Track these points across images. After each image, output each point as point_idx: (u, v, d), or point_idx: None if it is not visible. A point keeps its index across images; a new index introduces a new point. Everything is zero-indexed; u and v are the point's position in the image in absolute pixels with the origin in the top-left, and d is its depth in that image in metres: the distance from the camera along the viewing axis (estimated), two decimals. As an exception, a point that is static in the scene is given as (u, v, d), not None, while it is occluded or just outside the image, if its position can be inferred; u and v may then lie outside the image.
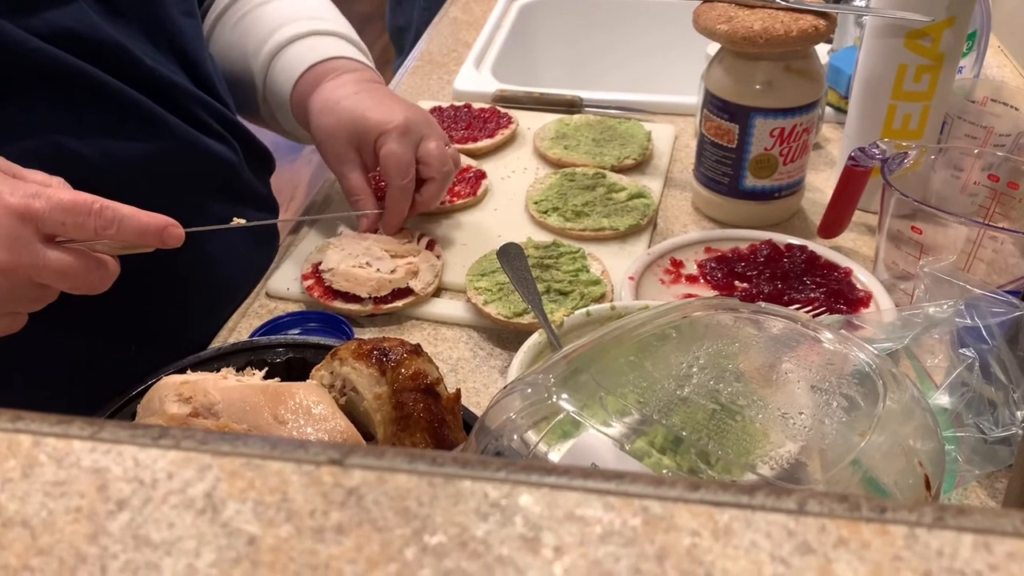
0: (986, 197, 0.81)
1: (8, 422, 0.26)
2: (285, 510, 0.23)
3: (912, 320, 0.61)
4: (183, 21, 0.80)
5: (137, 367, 0.63)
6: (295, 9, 0.91)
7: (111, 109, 0.72)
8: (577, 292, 0.77)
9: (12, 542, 0.22)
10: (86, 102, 0.70)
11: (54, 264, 0.55)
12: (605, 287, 0.79)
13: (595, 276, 0.80)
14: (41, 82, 0.68)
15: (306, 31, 0.88)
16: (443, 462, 0.24)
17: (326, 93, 0.84)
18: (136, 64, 0.73)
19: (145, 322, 0.77)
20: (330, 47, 0.87)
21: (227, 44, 0.91)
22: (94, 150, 0.71)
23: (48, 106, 0.69)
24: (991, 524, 0.22)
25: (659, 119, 1.10)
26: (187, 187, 0.78)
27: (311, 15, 0.91)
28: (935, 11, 0.80)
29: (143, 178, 0.73)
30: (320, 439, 0.52)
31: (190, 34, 0.81)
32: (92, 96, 0.71)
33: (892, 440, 0.45)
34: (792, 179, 0.89)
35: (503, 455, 0.45)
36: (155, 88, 0.75)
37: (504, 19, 1.38)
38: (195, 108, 0.79)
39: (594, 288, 0.78)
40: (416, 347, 0.58)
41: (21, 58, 0.66)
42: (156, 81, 0.75)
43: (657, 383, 0.46)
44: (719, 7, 0.84)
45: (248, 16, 0.91)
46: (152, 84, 0.75)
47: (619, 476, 0.23)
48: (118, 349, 0.75)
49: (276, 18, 0.90)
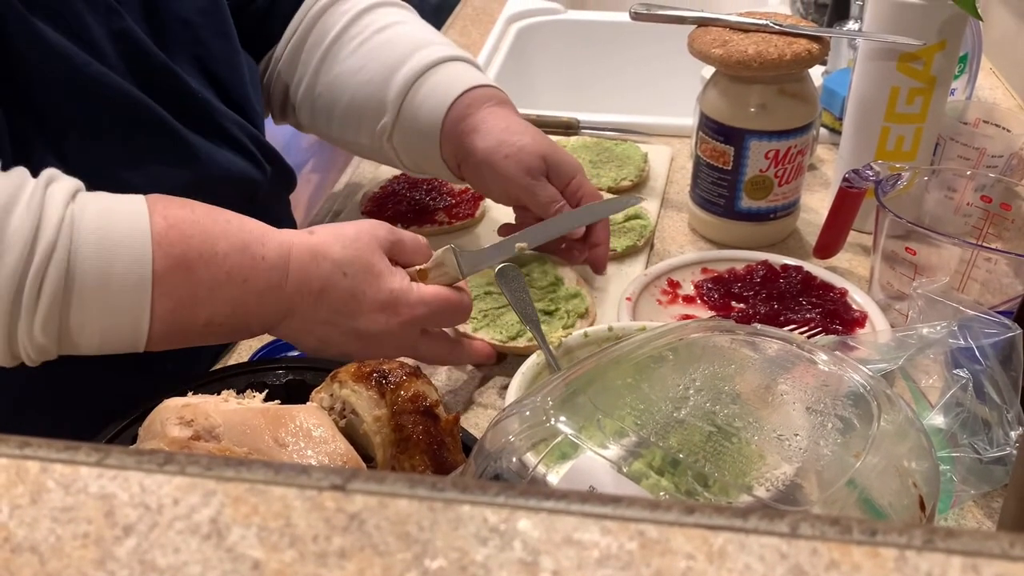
0: (979, 218, 0.82)
1: (16, 448, 0.26)
2: (289, 535, 0.23)
3: (907, 341, 0.62)
4: (215, 42, 0.80)
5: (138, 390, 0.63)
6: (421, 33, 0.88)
7: (155, 135, 0.72)
8: (562, 311, 0.77)
9: (21, 568, 0.23)
10: (135, 129, 0.71)
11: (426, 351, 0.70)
12: (587, 300, 0.79)
13: (573, 289, 0.80)
14: (99, 108, 0.69)
15: (442, 57, 0.84)
16: (443, 487, 0.24)
17: (499, 118, 0.82)
18: (181, 86, 0.74)
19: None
20: (470, 75, 0.84)
21: (343, 72, 0.87)
22: (144, 178, 0.70)
23: (103, 133, 0.70)
24: (979, 546, 0.22)
25: (655, 141, 1.11)
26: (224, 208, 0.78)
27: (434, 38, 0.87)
28: (926, 35, 0.81)
29: None
30: (320, 462, 0.52)
31: (223, 55, 0.81)
32: (139, 122, 0.71)
33: (887, 461, 0.45)
34: (787, 200, 0.90)
35: (502, 477, 0.45)
36: (195, 110, 0.76)
37: (502, 42, 1.39)
38: (232, 128, 0.79)
39: (576, 303, 0.78)
40: (415, 369, 0.59)
41: (83, 83, 0.67)
42: (197, 103, 0.76)
43: (654, 405, 0.47)
44: (714, 31, 0.85)
45: (367, 44, 0.87)
46: (193, 106, 0.75)
47: (616, 500, 0.24)
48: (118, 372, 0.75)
49: (404, 46, 0.85)
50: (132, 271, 0.58)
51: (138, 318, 0.59)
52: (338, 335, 0.66)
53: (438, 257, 0.69)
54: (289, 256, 0.63)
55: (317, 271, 0.64)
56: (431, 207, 0.96)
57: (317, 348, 0.68)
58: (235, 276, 0.61)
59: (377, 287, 0.65)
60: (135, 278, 0.58)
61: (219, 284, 0.61)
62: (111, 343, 0.60)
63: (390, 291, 0.65)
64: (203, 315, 0.61)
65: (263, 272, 0.62)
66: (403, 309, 0.66)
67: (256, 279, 0.62)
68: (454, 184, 0.99)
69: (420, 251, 0.69)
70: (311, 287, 0.64)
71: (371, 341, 0.66)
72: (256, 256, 0.62)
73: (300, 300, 0.64)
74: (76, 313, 0.57)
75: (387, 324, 0.66)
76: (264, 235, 0.63)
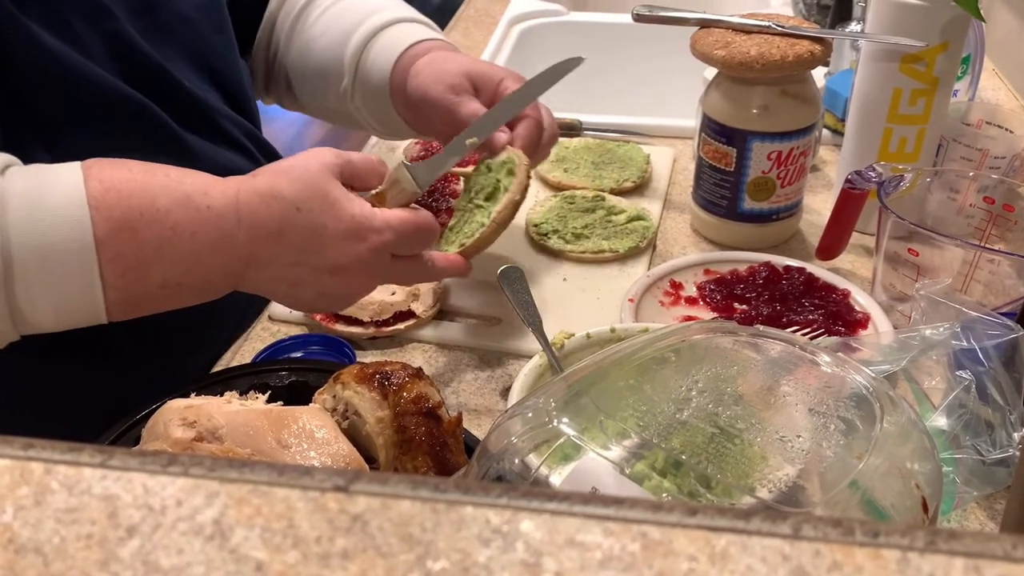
0: (982, 219, 0.82)
1: (20, 450, 0.26)
2: (292, 536, 0.23)
3: (909, 342, 0.62)
4: (214, 38, 0.81)
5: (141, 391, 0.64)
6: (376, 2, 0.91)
7: (152, 134, 0.73)
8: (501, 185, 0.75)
9: (25, 569, 0.23)
10: (130, 127, 0.71)
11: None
12: (515, 158, 0.75)
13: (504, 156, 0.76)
14: (93, 108, 0.69)
15: (395, 18, 0.87)
16: (446, 488, 0.24)
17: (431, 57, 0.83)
18: (175, 85, 0.74)
19: (149, 346, 0.77)
20: (421, 31, 0.86)
21: (309, 39, 0.90)
22: None
23: (99, 133, 0.70)
24: (982, 548, 0.22)
25: (658, 142, 1.11)
26: None
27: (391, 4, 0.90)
28: (929, 36, 0.81)
29: None
30: (323, 463, 0.52)
31: (221, 51, 0.82)
32: (135, 121, 0.71)
33: (889, 462, 0.45)
34: (790, 201, 0.90)
35: (504, 479, 0.45)
36: (190, 108, 0.76)
37: (504, 43, 1.39)
38: (228, 126, 0.80)
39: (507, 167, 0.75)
40: (418, 371, 0.59)
41: (77, 84, 0.67)
42: (192, 102, 0.76)
43: (657, 406, 0.47)
44: (716, 33, 0.86)
45: (329, 12, 0.90)
46: (188, 105, 0.76)
47: (618, 502, 0.24)
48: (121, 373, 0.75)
49: (361, 10, 0.88)
50: (72, 239, 0.56)
51: (89, 287, 0.57)
52: (309, 274, 0.64)
53: (391, 176, 0.67)
54: (238, 202, 0.61)
55: (269, 212, 0.61)
56: (433, 208, 0.96)
57: (290, 294, 0.66)
58: (181, 231, 0.59)
59: (336, 216, 0.62)
60: (77, 246, 0.56)
61: (166, 241, 0.58)
62: (68, 317, 0.58)
63: (351, 216, 0.63)
64: (157, 276, 0.59)
65: (211, 222, 0.60)
66: (370, 235, 0.63)
67: (205, 231, 0.60)
68: (456, 185, 0.99)
69: (373, 170, 0.67)
70: (267, 229, 0.61)
71: (344, 274, 0.64)
72: (200, 207, 0.60)
73: (259, 246, 0.62)
74: (22, 291, 0.55)
75: (356, 252, 0.63)
76: (208, 185, 0.61)
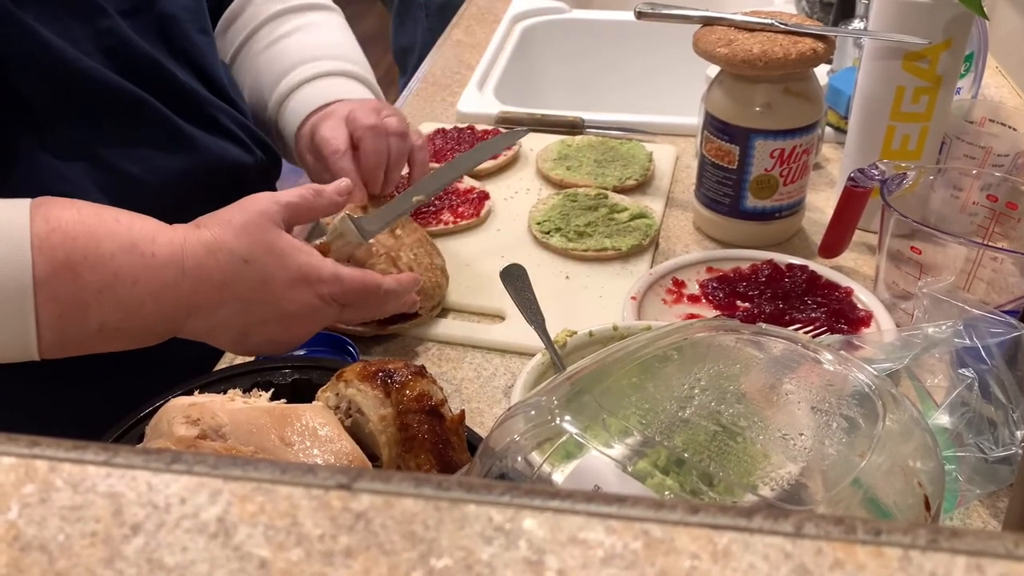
0: (985, 217, 0.82)
1: (25, 447, 0.26)
2: (295, 534, 0.23)
3: (912, 340, 0.62)
4: (198, 38, 0.83)
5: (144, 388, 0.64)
6: (312, 47, 0.92)
7: (150, 125, 0.74)
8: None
9: (30, 566, 0.23)
10: (128, 119, 0.73)
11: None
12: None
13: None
14: (91, 101, 0.70)
15: (314, 74, 0.88)
16: (448, 486, 0.24)
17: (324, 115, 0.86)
18: (169, 79, 0.76)
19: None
20: (337, 89, 0.87)
21: (250, 74, 0.93)
22: (139, 167, 0.73)
23: (97, 125, 0.71)
24: (984, 546, 0.22)
25: (660, 140, 1.11)
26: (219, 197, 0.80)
27: (326, 53, 0.91)
28: (932, 34, 0.81)
29: (183, 191, 0.76)
30: (326, 461, 0.52)
31: (206, 51, 0.84)
32: (133, 113, 0.73)
33: (892, 460, 0.45)
34: (793, 199, 0.90)
35: (507, 476, 0.45)
36: (185, 102, 0.78)
37: (507, 41, 1.39)
38: (221, 117, 0.82)
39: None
40: (420, 368, 0.59)
41: (74, 78, 0.68)
42: (187, 95, 0.78)
43: (659, 404, 0.47)
44: (719, 30, 0.85)
45: (269, 50, 0.92)
46: (183, 98, 0.77)
47: (620, 500, 0.24)
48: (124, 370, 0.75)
49: (292, 58, 0.90)
50: (11, 278, 0.55)
51: (23, 327, 0.56)
52: (256, 324, 0.64)
53: (336, 228, 0.68)
54: (183, 252, 0.61)
55: (215, 263, 0.61)
56: (435, 207, 0.96)
57: (237, 341, 0.66)
58: (124, 277, 0.58)
59: (284, 265, 0.63)
60: (16, 285, 0.55)
61: (107, 286, 0.58)
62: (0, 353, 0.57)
63: (298, 266, 0.63)
64: (95, 320, 0.58)
65: (155, 271, 0.59)
66: (319, 284, 0.64)
67: (148, 279, 0.59)
68: (459, 184, 0.99)
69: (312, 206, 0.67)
70: (213, 281, 0.61)
71: (293, 320, 0.64)
72: (146, 254, 0.59)
73: (203, 297, 0.61)
74: None
75: (305, 299, 0.64)
76: (156, 232, 0.61)
